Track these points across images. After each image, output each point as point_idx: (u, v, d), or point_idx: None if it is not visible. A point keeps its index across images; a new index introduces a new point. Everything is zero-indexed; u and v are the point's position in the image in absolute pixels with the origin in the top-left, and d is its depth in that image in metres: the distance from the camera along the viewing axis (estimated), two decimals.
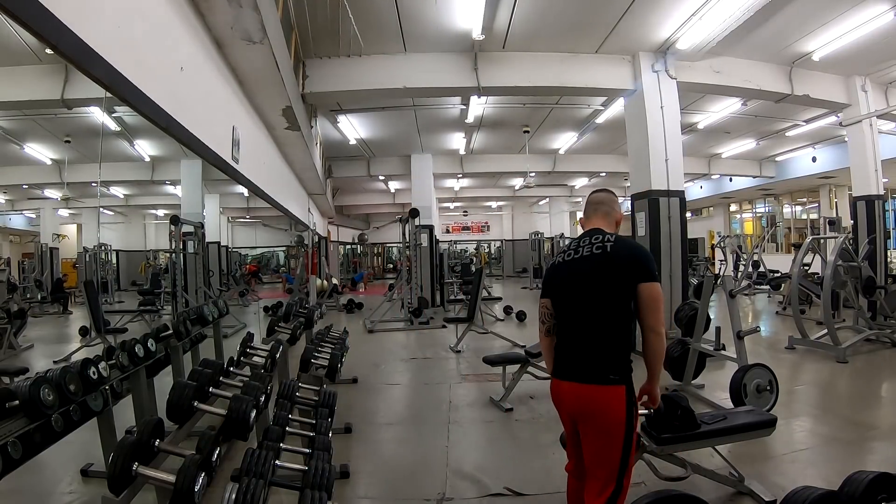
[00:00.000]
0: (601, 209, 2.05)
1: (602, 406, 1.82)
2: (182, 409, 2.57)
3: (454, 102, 8.45)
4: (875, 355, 5.90)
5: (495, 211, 24.37)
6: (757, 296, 12.61)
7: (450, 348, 6.82)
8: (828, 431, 3.63)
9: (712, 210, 20.23)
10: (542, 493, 2.78)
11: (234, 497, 1.79)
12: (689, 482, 2.58)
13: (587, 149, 12.07)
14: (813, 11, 5.46)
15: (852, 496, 1.85)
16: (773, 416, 2.79)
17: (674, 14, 5.41)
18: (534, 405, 4.33)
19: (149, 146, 9.20)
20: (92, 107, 6.46)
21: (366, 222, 23.97)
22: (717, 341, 4.25)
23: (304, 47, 5.97)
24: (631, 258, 1.88)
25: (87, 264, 12.58)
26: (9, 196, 13.52)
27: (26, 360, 6.47)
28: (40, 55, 5.16)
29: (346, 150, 11.51)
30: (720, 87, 6.80)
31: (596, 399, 1.84)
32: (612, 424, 1.81)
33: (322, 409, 2.94)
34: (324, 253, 15.21)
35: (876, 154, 7.57)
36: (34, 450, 1.95)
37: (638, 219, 6.23)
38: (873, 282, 6.43)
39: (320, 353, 4.07)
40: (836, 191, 14.45)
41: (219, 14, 3.52)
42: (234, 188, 11.74)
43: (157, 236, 16.66)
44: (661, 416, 2.54)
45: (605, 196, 2.09)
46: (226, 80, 4.33)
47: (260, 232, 19.40)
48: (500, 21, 5.56)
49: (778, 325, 8.26)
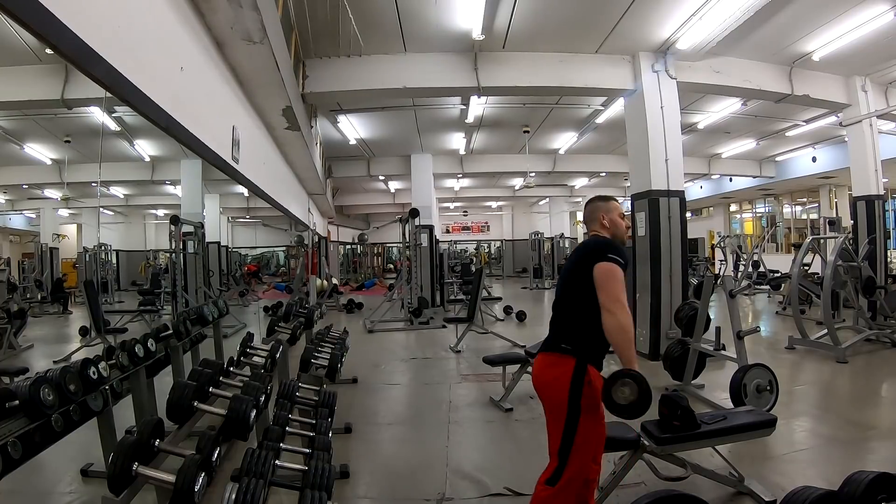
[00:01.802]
0: (590, 218, 2.27)
1: (549, 376, 2.02)
2: (182, 409, 2.57)
3: (454, 102, 8.44)
4: (875, 355, 5.90)
5: (495, 211, 24.37)
6: (757, 296, 12.61)
7: (450, 348, 6.82)
8: (828, 431, 3.63)
9: (712, 210, 20.22)
10: None
11: (234, 497, 1.79)
12: (689, 482, 2.59)
13: (587, 149, 12.07)
14: (813, 11, 5.45)
15: (852, 496, 1.84)
16: (773, 416, 2.79)
17: (674, 14, 5.40)
18: (534, 405, 4.33)
19: (149, 146, 9.20)
20: (92, 107, 6.46)
21: (366, 222, 23.98)
22: (717, 341, 4.25)
23: (304, 47, 5.97)
24: (593, 246, 2.08)
25: (87, 264, 12.58)
26: (9, 196, 13.53)
27: (26, 360, 6.48)
28: (40, 55, 5.15)
29: (346, 150, 11.50)
30: (720, 87, 6.79)
31: (546, 368, 2.06)
32: (555, 395, 1.97)
33: (322, 409, 2.94)
34: (324, 253, 15.22)
35: (876, 154, 7.56)
36: (34, 450, 1.95)
37: (638, 219, 6.22)
38: (873, 282, 6.43)
39: (320, 353, 4.07)
40: (836, 191, 14.44)
41: (219, 14, 3.52)
42: (234, 188, 11.75)
43: (157, 236, 16.69)
44: (662, 416, 2.54)
45: (591, 207, 2.28)
46: (226, 80, 4.33)
47: (260, 232, 19.43)
48: (500, 21, 5.56)
49: (778, 325, 8.26)
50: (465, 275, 12.69)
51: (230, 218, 16.57)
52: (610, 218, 2.21)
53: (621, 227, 2.22)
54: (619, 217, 2.23)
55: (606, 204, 2.26)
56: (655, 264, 5.91)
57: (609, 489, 2.55)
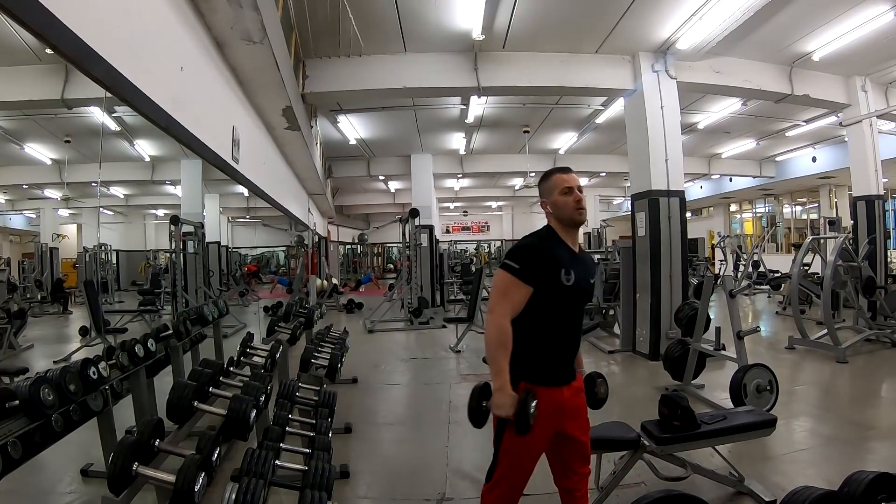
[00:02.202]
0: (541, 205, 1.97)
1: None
2: (182, 409, 2.58)
3: (454, 102, 8.44)
4: (875, 355, 5.90)
5: (495, 211, 24.38)
6: (757, 296, 12.61)
7: (450, 348, 6.82)
8: (828, 431, 3.63)
9: (712, 210, 20.22)
10: (542, 493, 2.77)
11: (234, 497, 1.79)
12: (689, 482, 2.58)
13: (587, 149, 12.06)
14: (813, 11, 5.45)
15: (852, 496, 1.84)
16: (773, 416, 2.79)
17: (674, 14, 5.40)
18: None
19: (149, 146, 9.20)
20: (92, 107, 6.45)
21: (366, 222, 23.98)
22: (717, 341, 4.25)
23: (304, 47, 5.97)
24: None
25: (87, 264, 12.57)
26: (9, 196, 13.51)
27: (26, 360, 6.47)
28: (40, 55, 5.15)
29: (346, 150, 11.50)
30: (720, 87, 6.79)
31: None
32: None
33: (322, 409, 2.94)
34: (324, 253, 15.21)
35: (876, 154, 7.56)
36: (34, 450, 1.95)
37: (638, 219, 6.23)
38: (873, 282, 6.43)
39: (320, 353, 4.07)
40: (836, 191, 14.44)
41: (219, 14, 3.52)
42: (234, 188, 11.73)
43: (157, 236, 16.66)
44: (662, 416, 2.54)
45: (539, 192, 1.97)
46: (226, 80, 4.33)
47: (260, 232, 19.40)
48: (501, 21, 5.56)
49: (778, 325, 8.26)
50: (465, 275, 12.69)
51: (230, 218, 16.55)
52: (552, 202, 1.87)
53: (566, 206, 1.84)
54: (562, 194, 1.85)
55: (546, 184, 1.91)
56: (655, 264, 5.92)
57: (609, 489, 2.55)
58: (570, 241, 1.88)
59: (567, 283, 1.78)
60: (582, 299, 1.90)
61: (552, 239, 1.87)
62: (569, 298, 1.82)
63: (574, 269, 1.81)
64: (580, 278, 1.83)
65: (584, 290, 1.88)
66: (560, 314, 1.83)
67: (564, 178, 1.88)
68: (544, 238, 1.87)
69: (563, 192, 1.85)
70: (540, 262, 1.77)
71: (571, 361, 1.89)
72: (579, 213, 1.85)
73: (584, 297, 1.91)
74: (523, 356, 1.76)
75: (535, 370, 1.78)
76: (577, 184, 1.87)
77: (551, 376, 1.81)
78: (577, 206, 1.84)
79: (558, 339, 1.84)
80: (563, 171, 1.91)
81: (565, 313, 1.85)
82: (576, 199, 1.84)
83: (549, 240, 1.86)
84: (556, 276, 1.77)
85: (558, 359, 1.84)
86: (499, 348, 1.71)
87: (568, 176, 1.89)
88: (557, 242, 1.86)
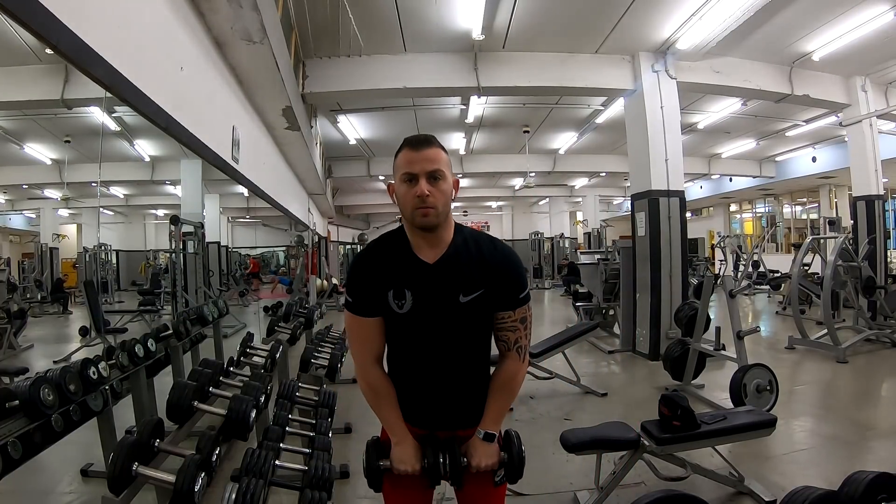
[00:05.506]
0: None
1: None
2: (182, 409, 2.57)
3: (454, 102, 8.44)
4: (875, 355, 5.90)
5: (495, 211, 24.37)
6: (757, 296, 12.61)
7: None
8: (828, 431, 3.63)
9: (712, 210, 20.22)
10: (542, 493, 2.78)
11: (234, 497, 1.79)
12: (689, 482, 2.59)
13: (587, 149, 12.07)
14: (813, 12, 5.45)
15: (852, 496, 1.84)
16: (773, 416, 2.79)
17: (674, 14, 5.40)
18: (534, 405, 4.33)
19: (149, 146, 9.20)
20: (92, 107, 6.45)
21: (366, 222, 23.99)
22: (717, 341, 4.25)
23: (304, 47, 5.97)
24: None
25: (87, 264, 12.59)
26: (9, 196, 13.51)
27: (26, 360, 6.47)
28: (40, 55, 5.15)
29: (346, 150, 11.50)
30: (720, 87, 6.78)
31: None
32: None
33: (322, 409, 2.94)
34: (324, 253, 15.22)
35: (876, 154, 7.56)
36: (34, 450, 1.95)
37: (638, 219, 6.22)
38: (873, 282, 6.43)
39: (320, 353, 4.07)
40: (836, 191, 14.44)
41: (219, 14, 3.52)
42: (234, 188, 11.74)
43: (157, 236, 16.68)
44: (662, 416, 2.54)
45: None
46: (226, 80, 4.33)
47: (260, 232, 19.40)
48: (500, 21, 5.56)
49: (778, 325, 8.26)
50: None
51: (230, 218, 16.56)
52: (397, 193, 1.30)
53: (404, 202, 1.26)
54: (402, 181, 1.26)
55: (394, 163, 1.30)
56: (655, 264, 5.92)
57: (609, 489, 2.55)
58: (426, 245, 1.30)
59: (398, 309, 1.28)
60: (435, 329, 1.30)
61: (392, 246, 1.32)
62: (408, 331, 1.31)
63: (416, 288, 1.28)
64: (430, 300, 1.28)
65: (434, 316, 1.29)
66: (410, 350, 1.35)
67: (410, 156, 1.25)
68: (380, 246, 1.34)
69: (403, 180, 1.25)
70: (363, 285, 1.30)
71: (446, 405, 1.39)
72: (422, 214, 1.23)
73: (437, 327, 1.30)
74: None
75: (402, 405, 1.41)
76: (427, 168, 1.23)
77: (414, 416, 1.41)
78: (416, 206, 1.23)
79: (415, 378, 1.38)
80: (413, 144, 1.26)
81: (416, 350, 1.34)
82: (416, 193, 1.22)
83: (385, 248, 1.33)
84: (384, 303, 1.29)
85: (419, 399, 1.40)
86: (376, 402, 1.39)
87: (417, 153, 1.24)
88: (399, 251, 1.31)
